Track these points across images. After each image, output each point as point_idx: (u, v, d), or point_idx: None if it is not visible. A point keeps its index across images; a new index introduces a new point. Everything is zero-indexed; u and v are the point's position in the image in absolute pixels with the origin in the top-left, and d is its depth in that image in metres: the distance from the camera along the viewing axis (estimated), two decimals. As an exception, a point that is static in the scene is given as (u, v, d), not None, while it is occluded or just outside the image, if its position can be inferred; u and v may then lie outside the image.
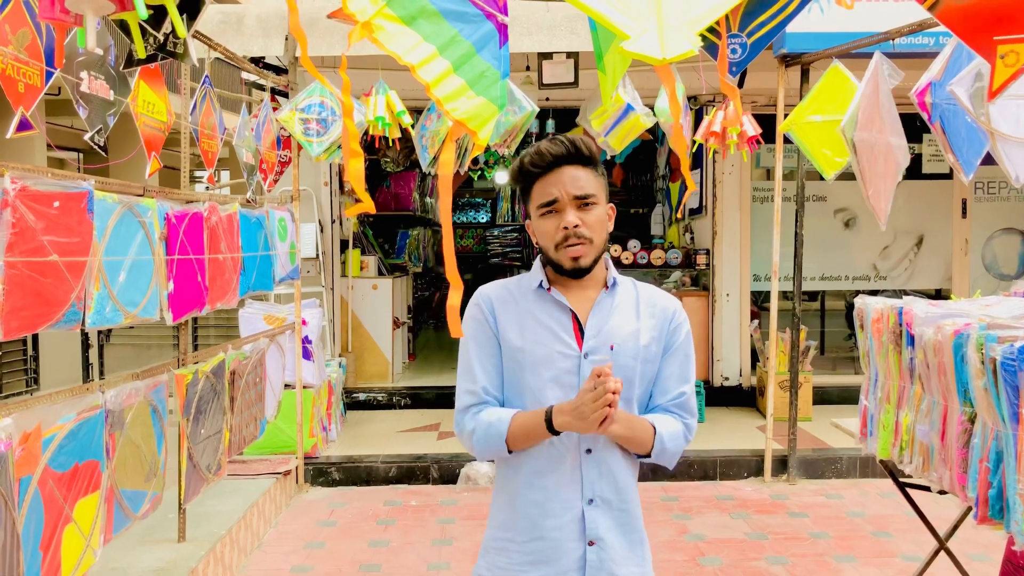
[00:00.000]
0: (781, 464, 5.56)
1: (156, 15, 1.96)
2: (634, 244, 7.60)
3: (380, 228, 9.41)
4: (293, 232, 5.03)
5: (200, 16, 2.00)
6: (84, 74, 2.73)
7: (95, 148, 2.85)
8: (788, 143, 5.23)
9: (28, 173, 2.31)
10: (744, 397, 7.19)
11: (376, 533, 4.67)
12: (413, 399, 7.22)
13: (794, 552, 4.34)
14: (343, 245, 7.38)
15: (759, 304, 7.40)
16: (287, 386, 5.17)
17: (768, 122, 5.72)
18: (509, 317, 1.80)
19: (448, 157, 1.70)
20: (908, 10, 4.44)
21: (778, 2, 2.73)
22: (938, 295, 7.41)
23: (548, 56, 5.81)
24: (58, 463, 2.43)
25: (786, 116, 4.90)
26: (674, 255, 7.50)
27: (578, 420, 1.63)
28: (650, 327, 1.81)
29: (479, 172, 8.87)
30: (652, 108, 5.35)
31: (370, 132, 5.04)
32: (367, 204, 1.68)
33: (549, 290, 1.80)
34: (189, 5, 1.95)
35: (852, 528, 4.67)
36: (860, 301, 3.07)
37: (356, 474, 5.56)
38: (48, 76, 2.45)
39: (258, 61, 5.83)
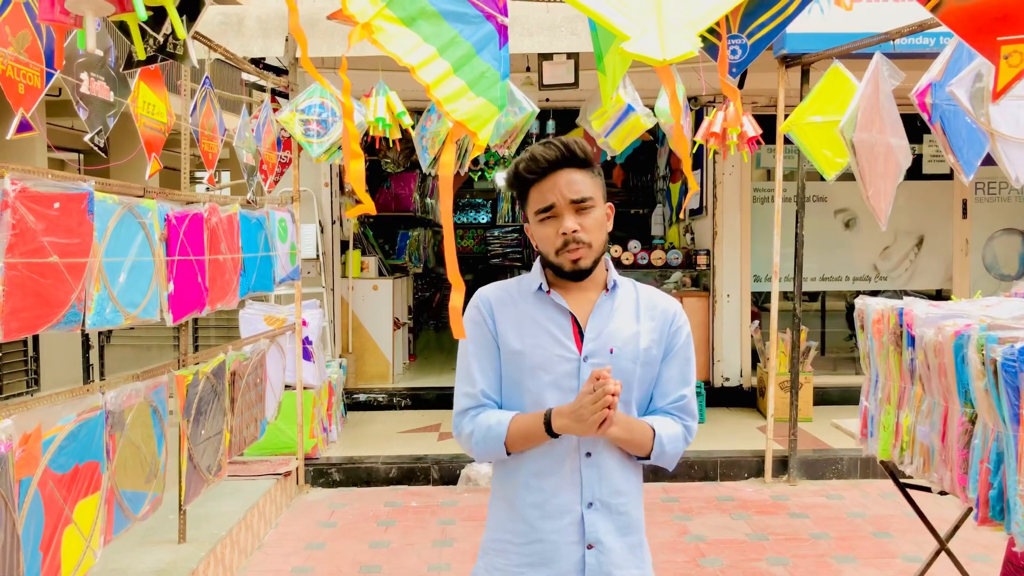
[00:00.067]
0: (782, 465, 5.55)
1: (156, 16, 1.96)
2: (634, 245, 7.59)
3: (380, 229, 9.41)
4: (293, 233, 5.03)
5: (200, 17, 2.00)
6: (84, 75, 2.73)
7: (95, 149, 2.85)
8: (788, 144, 5.23)
9: (28, 174, 2.31)
10: (744, 398, 7.18)
11: (377, 534, 4.67)
12: (413, 400, 7.22)
13: (795, 553, 4.33)
14: (343, 246, 7.38)
15: (759, 305, 7.39)
16: (287, 387, 5.17)
17: (768, 123, 5.72)
18: (508, 320, 1.80)
19: (448, 158, 1.69)
20: (908, 10, 4.43)
21: (778, 3, 2.72)
22: (939, 296, 7.40)
23: (548, 57, 5.82)
24: (58, 464, 2.43)
25: (786, 117, 4.90)
26: (674, 256, 7.50)
27: (577, 423, 1.63)
28: (650, 330, 1.80)
29: (479, 173, 8.87)
30: (652, 109, 5.34)
31: (370, 133, 5.04)
32: (367, 205, 1.68)
33: (549, 293, 1.80)
34: (189, 6, 1.95)
35: (853, 529, 4.67)
36: (860, 302, 3.07)
37: (356, 475, 5.55)
38: (48, 77, 2.45)
39: (258, 62, 5.83)
